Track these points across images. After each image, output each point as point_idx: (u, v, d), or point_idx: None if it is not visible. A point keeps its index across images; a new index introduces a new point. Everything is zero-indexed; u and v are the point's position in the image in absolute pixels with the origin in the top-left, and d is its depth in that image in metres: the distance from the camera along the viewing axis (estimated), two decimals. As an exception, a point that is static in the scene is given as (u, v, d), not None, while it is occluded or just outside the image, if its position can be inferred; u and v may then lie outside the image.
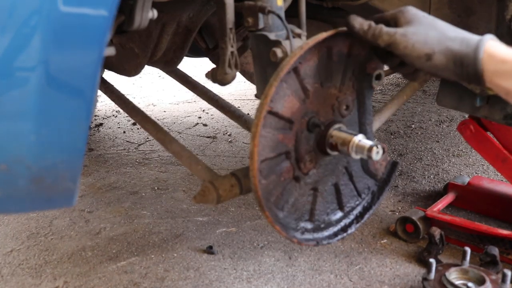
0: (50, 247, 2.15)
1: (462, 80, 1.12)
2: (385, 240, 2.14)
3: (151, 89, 4.79)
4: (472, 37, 1.12)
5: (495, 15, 1.66)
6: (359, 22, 1.18)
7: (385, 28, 1.15)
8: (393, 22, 1.17)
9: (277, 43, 1.33)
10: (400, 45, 1.12)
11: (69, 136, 1.01)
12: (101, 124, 3.79)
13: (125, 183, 2.76)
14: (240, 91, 4.54)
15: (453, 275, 1.75)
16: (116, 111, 4.06)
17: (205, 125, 3.71)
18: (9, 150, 0.97)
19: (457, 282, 1.72)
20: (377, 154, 1.21)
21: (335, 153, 1.29)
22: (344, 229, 1.40)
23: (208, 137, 3.47)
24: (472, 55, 1.09)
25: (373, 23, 1.17)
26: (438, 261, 1.88)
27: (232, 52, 1.38)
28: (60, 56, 0.94)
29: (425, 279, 1.75)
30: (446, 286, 1.71)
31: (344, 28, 1.22)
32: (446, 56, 1.10)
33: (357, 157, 1.24)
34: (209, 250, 2.08)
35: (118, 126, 3.75)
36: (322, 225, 1.37)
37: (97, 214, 2.43)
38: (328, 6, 1.84)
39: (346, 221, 1.41)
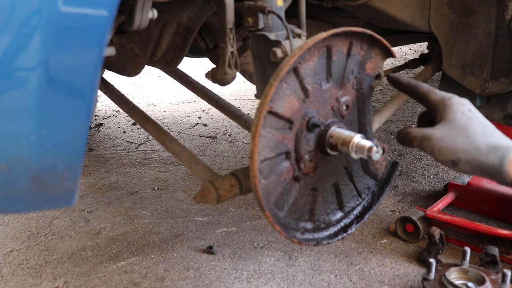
0: (50, 247, 2.15)
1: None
2: (385, 240, 2.14)
3: (151, 89, 4.80)
4: (500, 146, 1.12)
5: (495, 15, 1.66)
6: (404, 133, 1.24)
7: (412, 134, 1.21)
8: (434, 110, 1.22)
9: (277, 43, 1.33)
10: (427, 149, 1.18)
11: (69, 136, 1.01)
12: (101, 124, 3.79)
13: (125, 183, 2.76)
14: (240, 91, 4.55)
15: (453, 275, 1.75)
16: (116, 111, 4.06)
17: (205, 125, 3.71)
18: (9, 150, 0.97)
19: (457, 282, 1.72)
20: (377, 154, 1.22)
21: (335, 153, 1.29)
22: (344, 229, 1.40)
23: (208, 137, 3.47)
24: (497, 168, 1.10)
25: (406, 130, 1.23)
26: (438, 261, 1.89)
27: (232, 52, 1.38)
28: (60, 56, 0.94)
29: (425, 279, 1.75)
30: (446, 286, 1.71)
31: (344, 28, 1.23)
32: (471, 165, 1.14)
33: (357, 157, 1.25)
34: (209, 250, 2.08)
35: (118, 126, 3.75)
36: (322, 225, 1.37)
37: (97, 214, 2.43)
38: (328, 6, 1.84)
39: (346, 221, 1.41)
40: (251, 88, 4.49)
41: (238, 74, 1.64)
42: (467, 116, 1.18)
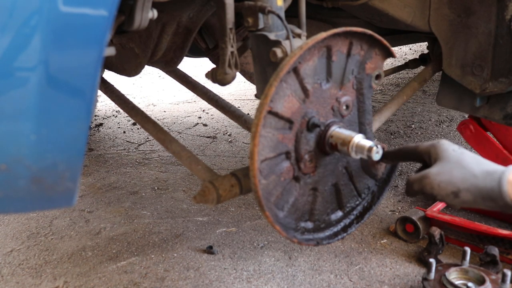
0: (50, 247, 2.15)
1: (500, 211, 1.18)
2: (385, 240, 2.14)
3: (151, 89, 4.80)
4: (496, 170, 1.16)
5: (495, 15, 1.66)
6: (406, 184, 1.26)
7: (411, 178, 1.23)
8: (427, 156, 1.25)
9: (277, 43, 1.33)
10: (427, 187, 1.20)
11: (69, 136, 1.01)
12: (101, 124, 3.79)
13: (125, 183, 2.76)
14: (240, 91, 4.55)
15: (453, 275, 1.75)
16: (116, 111, 4.06)
17: (205, 125, 3.71)
18: (9, 150, 0.97)
19: (457, 282, 1.72)
20: (377, 154, 1.22)
21: (335, 153, 1.29)
22: (344, 229, 1.40)
23: (208, 137, 3.47)
24: (497, 190, 1.13)
25: (409, 178, 1.24)
26: (438, 261, 1.89)
27: (232, 52, 1.38)
28: (60, 56, 0.94)
29: (425, 279, 1.75)
30: (446, 286, 1.71)
31: (344, 28, 1.23)
32: (471, 192, 1.16)
33: (357, 157, 1.25)
34: (209, 250, 2.08)
35: (118, 126, 3.75)
36: (322, 225, 1.37)
37: (97, 214, 2.43)
38: (328, 6, 1.84)
39: (346, 221, 1.41)
40: (251, 88, 4.49)
41: (238, 74, 1.64)
42: (459, 152, 1.22)
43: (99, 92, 3.28)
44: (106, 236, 2.22)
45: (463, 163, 1.19)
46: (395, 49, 2.74)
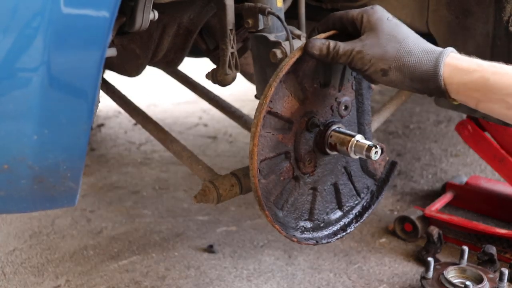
0: (52, 246, 2.16)
1: (422, 93, 1.09)
2: (383, 239, 2.15)
3: (152, 90, 4.80)
4: (433, 50, 1.07)
5: (493, 16, 1.67)
6: (318, 48, 1.13)
7: (341, 49, 1.11)
8: (359, 23, 1.12)
9: (276, 44, 1.34)
10: (357, 62, 1.09)
11: (71, 136, 1.02)
12: (102, 124, 3.80)
13: (126, 183, 2.77)
14: (240, 91, 4.55)
15: (451, 273, 1.77)
16: (118, 112, 4.07)
17: (205, 125, 3.72)
18: (11, 150, 0.98)
19: (455, 281, 1.73)
20: (375, 154, 1.23)
21: (334, 153, 1.30)
22: (343, 228, 1.42)
23: (208, 137, 3.48)
24: (432, 71, 1.05)
25: (331, 43, 1.12)
26: (436, 260, 1.90)
27: (232, 53, 1.39)
28: (62, 57, 0.95)
29: (423, 277, 1.76)
30: (444, 285, 1.72)
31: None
32: (402, 72, 1.07)
33: (356, 157, 1.26)
34: (210, 249, 2.09)
35: (120, 127, 3.76)
36: (322, 224, 1.38)
37: (99, 213, 2.44)
38: (328, 7, 1.85)
39: (345, 220, 1.43)
40: (252, 89, 4.49)
41: (239, 75, 1.65)
42: (394, 22, 1.10)
43: (101, 93, 3.29)
44: (107, 235, 2.24)
45: (399, 37, 1.07)
46: (394, 50, 2.73)
